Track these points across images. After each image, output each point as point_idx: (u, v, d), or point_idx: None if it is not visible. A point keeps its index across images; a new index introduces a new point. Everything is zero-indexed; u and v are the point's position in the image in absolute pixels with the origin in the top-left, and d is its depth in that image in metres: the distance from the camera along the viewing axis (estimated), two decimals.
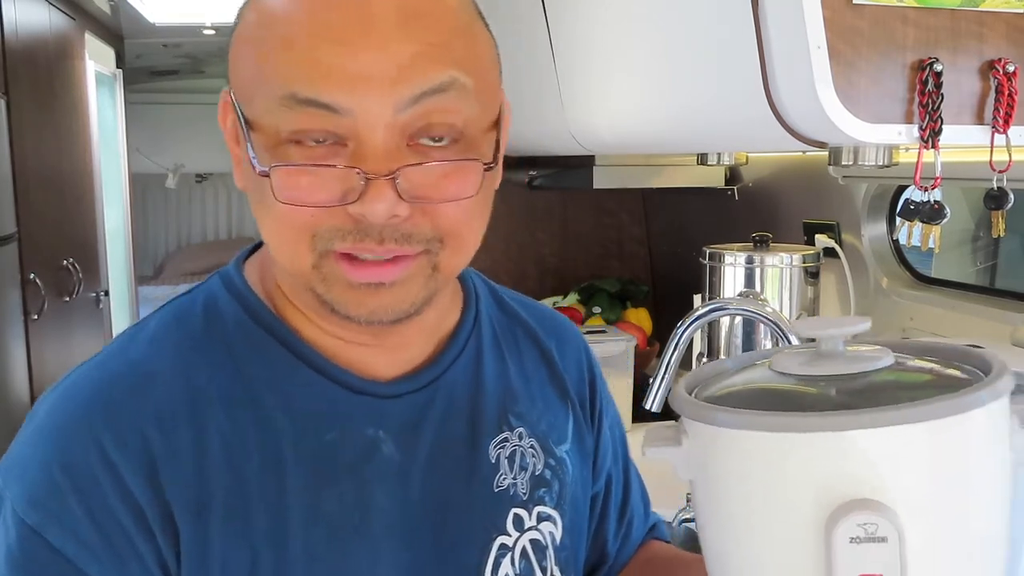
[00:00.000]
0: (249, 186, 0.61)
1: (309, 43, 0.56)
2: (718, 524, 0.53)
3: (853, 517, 0.45)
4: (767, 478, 0.49)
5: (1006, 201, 1.03)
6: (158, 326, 0.67)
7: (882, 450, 0.46)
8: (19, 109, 2.55)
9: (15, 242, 2.49)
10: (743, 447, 0.50)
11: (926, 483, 0.48)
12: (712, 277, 1.48)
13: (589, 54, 1.59)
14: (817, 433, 0.46)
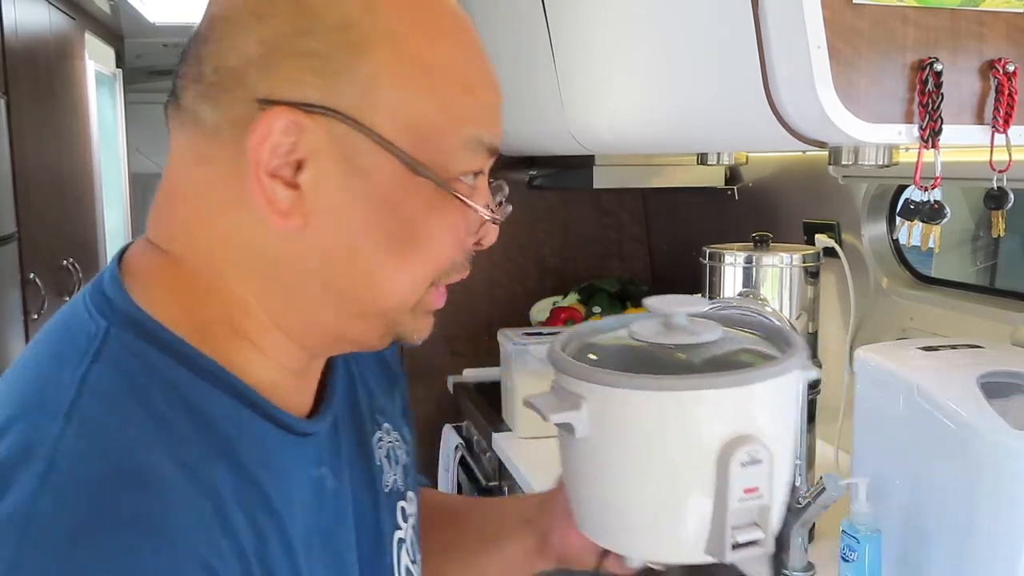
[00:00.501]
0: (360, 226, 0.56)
1: (486, 90, 0.58)
2: (622, 468, 0.64)
3: (744, 448, 0.61)
4: (681, 427, 0.62)
5: (1006, 201, 1.03)
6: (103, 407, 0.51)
7: (758, 400, 0.63)
8: (19, 109, 2.54)
9: (15, 242, 2.49)
10: (661, 404, 0.62)
11: (777, 421, 0.64)
12: (712, 277, 1.48)
13: (589, 54, 1.59)
14: (725, 390, 0.62)
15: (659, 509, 0.64)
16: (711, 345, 0.68)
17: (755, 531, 0.63)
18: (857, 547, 1.19)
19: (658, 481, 0.64)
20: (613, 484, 0.66)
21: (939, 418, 1.13)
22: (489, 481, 2.09)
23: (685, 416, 0.62)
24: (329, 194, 0.55)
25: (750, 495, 0.62)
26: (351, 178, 0.55)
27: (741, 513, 0.62)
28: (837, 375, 1.70)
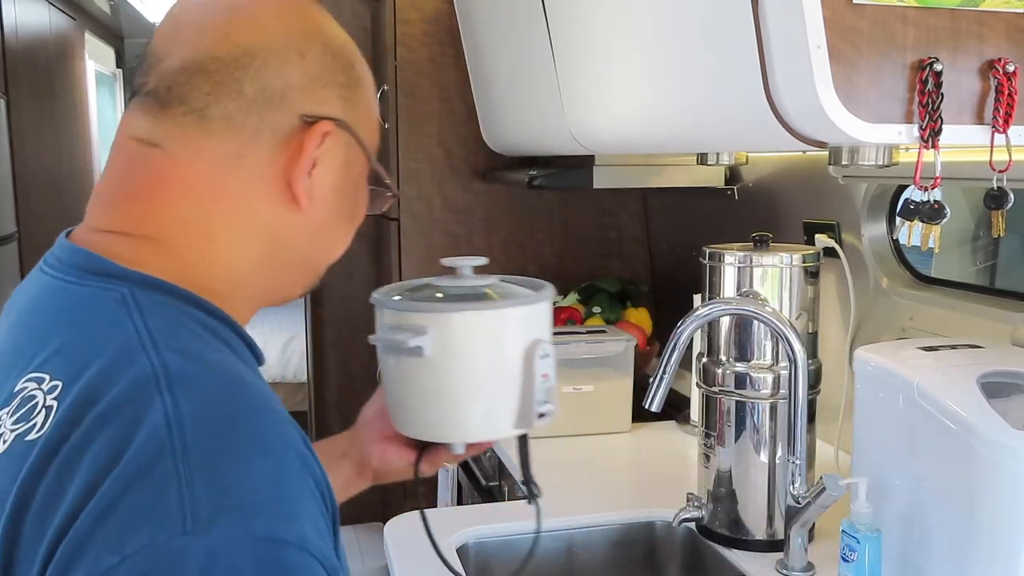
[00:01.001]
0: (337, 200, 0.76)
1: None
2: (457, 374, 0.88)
3: (541, 345, 0.89)
4: (503, 335, 0.89)
5: (1006, 201, 1.03)
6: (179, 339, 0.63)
7: (543, 315, 0.91)
8: (19, 109, 2.55)
9: (15, 242, 2.49)
10: (490, 321, 0.88)
11: (550, 330, 0.93)
12: (712, 277, 1.48)
13: (589, 54, 1.59)
14: (528, 307, 0.89)
15: (486, 400, 0.89)
16: (493, 285, 0.92)
17: (550, 405, 0.92)
18: (857, 547, 1.19)
19: (487, 378, 0.89)
20: (451, 387, 0.88)
21: (939, 418, 1.13)
22: (489, 481, 2.09)
23: (505, 327, 0.89)
24: (326, 184, 0.73)
25: (545, 379, 0.91)
26: (344, 171, 0.75)
27: (541, 392, 0.91)
28: (837, 375, 1.70)
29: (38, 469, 0.56)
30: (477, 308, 0.89)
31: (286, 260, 0.75)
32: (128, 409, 0.56)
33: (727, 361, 1.46)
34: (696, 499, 1.50)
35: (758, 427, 1.44)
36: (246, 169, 0.70)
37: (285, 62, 0.70)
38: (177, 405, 0.56)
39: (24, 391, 0.61)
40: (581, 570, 1.57)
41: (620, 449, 1.96)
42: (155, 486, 0.53)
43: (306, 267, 0.78)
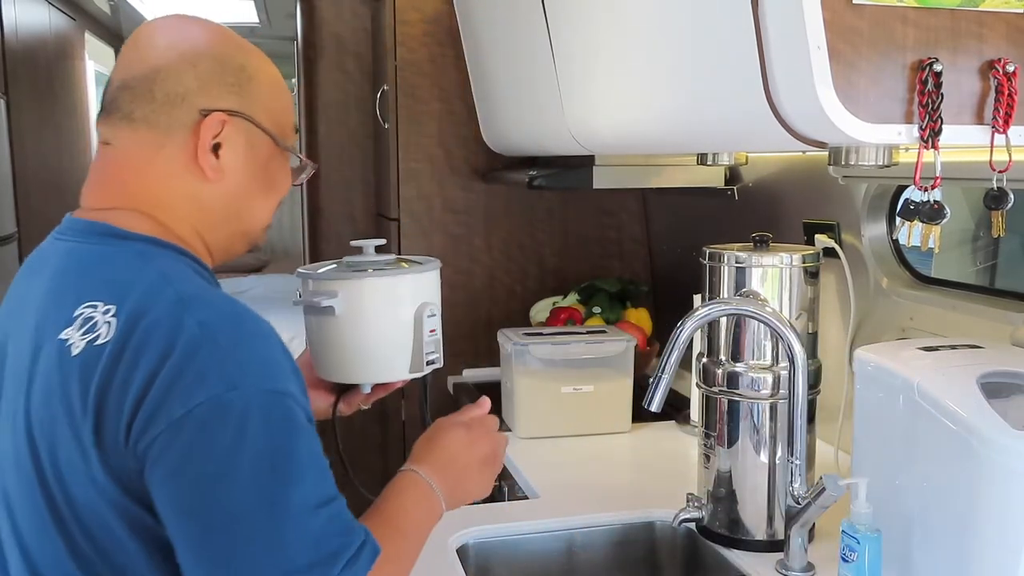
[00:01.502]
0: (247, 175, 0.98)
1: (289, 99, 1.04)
2: (363, 329, 1.17)
3: (428, 306, 1.18)
4: (398, 296, 1.18)
5: (1006, 201, 1.03)
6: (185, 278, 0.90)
7: (430, 282, 1.21)
8: (19, 109, 2.55)
9: (15, 242, 2.49)
10: (386, 285, 1.18)
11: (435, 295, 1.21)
12: (712, 277, 1.48)
13: (589, 54, 1.59)
14: (417, 275, 1.19)
15: (385, 349, 1.17)
16: (392, 260, 1.21)
17: (436, 354, 1.20)
18: (857, 547, 1.19)
19: (386, 332, 1.17)
20: (357, 338, 1.17)
21: (939, 418, 1.13)
22: None
23: (398, 290, 1.17)
24: (235, 161, 0.96)
25: (432, 334, 1.18)
26: (248, 151, 0.97)
27: (430, 344, 1.18)
28: (837, 375, 1.70)
29: (112, 362, 0.82)
30: (376, 275, 1.17)
31: (215, 223, 0.98)
32: (166, 322, 0.83)
33: (727, 361, 1.46)
34: (696, 499, 1.50)
35: (758, 427, 1.44)
36: (166, 154, 0.94)
37: (182, 73, 0.94)
38: (199, 317, 0.84)
39: (83, 315, 0.86)
40: (581, 570, 1.57)
41: (620, 449, 1.96)
42: (201, 365, 0.81)
43: (235, 228, 1.01)
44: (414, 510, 1.00)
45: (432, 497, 1.02)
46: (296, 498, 0.81)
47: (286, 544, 0.80)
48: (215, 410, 0.80)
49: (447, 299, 1.39)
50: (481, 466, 1.09)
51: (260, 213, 1.01)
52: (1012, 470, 1.06)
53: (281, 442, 0.82)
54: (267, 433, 0.81)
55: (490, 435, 1.11)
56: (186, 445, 0.79)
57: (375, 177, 2.98)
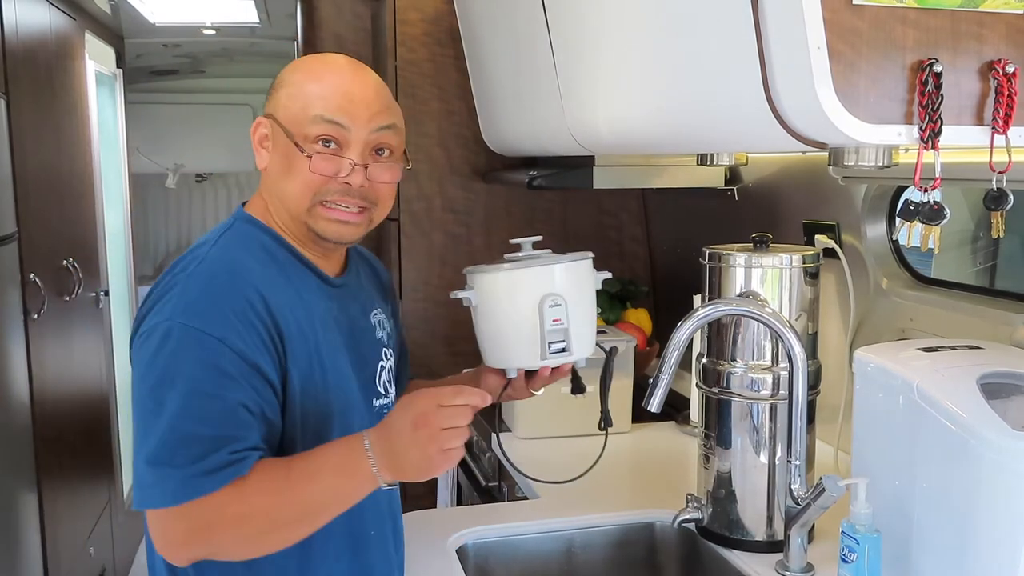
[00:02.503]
0: (276, 164, 1.17)
1: (332, 93, 1.16)
2: (497, 317, 1.27)
3: (550, 297, 1.23)
4: (520, 289, 1.25)
5: (1006, 202, 1.03)
6: (230, 244, 1.15)
7: (555, 276, 1.26)
8: (19, 109, 2.54)
9: (15, 242, 2.48)
10: (508, 278, 1.27)
11: (566, 286, 1.25)
12: (712, 277, 1.48)
13: (589, 54, 1.59)
14: (536, 268, 1.25)
15: (511, 338, 1.26)
16: (542, 256, 1.29)
17: (562, 343, 1.24)
18: (857, 548, 1.19)
19: (508, 322, 1.26)
20: (489, 328, 1.29)
21: (939, 418, 1.13)
22: (488, 481, 2.09)
23: (517, 284, 1.26)
24: (271, 153, 1.18)
25: (556, 323, 1.23)
26: (275, 145, 1.17)
27: (553, 333, 1.23)
28: (837, 376, 1.70)
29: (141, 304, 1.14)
30: (493, 271, 1.27)
31: (275, 205, 1.19)
32: (173, 272, 1.13)
33: (727, 361, 1.46)
34: (696, 500, 1.50)
35: (758, 428, 1.44)
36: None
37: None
38: (196, 269, 1.11)
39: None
40: (580, 570, 1.57)
41: (620, 449, 1.96)
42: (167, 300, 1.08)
43: (286, 210, 1.18)
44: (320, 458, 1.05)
45: (353, 456, 1.03)
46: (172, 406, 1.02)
47: (150, 438, 1.02)
48: (151, 331, 1.06)
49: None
50: (413, 430, 1.01)
51: (289, 194, 1.16)
52: (1012, 470, 1.06)
53: (183, 363, 1.03)
54: (173, 352, 1.04)
55: (433, 398, 1.02)
56: (134, 353, 1.09)
57: None
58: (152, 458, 1.02)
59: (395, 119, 1.19)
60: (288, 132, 1.14)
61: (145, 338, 1.06)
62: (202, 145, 6.49)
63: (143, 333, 1.07)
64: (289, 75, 1.19)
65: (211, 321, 1.04)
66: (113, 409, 3.65)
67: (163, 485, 1.01)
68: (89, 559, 3.10)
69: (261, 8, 3.95)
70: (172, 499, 1.01)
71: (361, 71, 1.20)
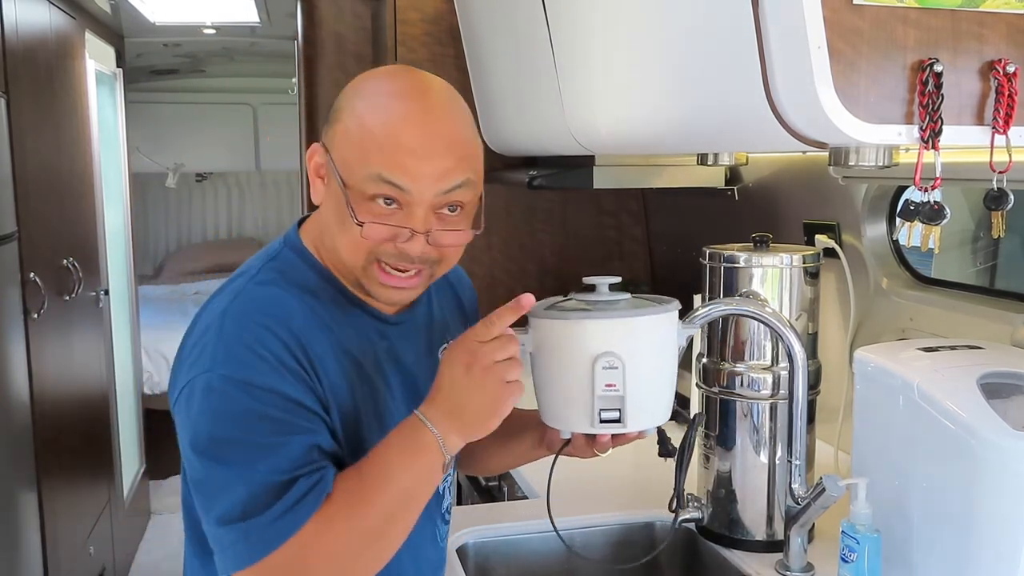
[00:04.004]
0: (330, 207, 1.04)
1: (393, 149, 0.98)
2: (548, 370, 1.07)
3: (605, 357, 1.02)
4: (571, 342, 1.04)
5: (1006, 202, 1.03)
6: (270, 279, 1.05)
7: (617, 330, 1.04)
8: (19, 109, 2.54)
9: (15, 242, 2.48)
10: (561, 329, 1.05)
11: (630, 344, 1.04)
12: (712, 277, 1.48)
13: (589, 54, 1.59)
14: (594, 322, 1.04)
15: (562, 395, 1.07)
16: (616, 303, 1.08)
17: (614, 412, 1.05)
18: (857, 547, 1.19)
19: (559, 377, 1.06)
20: (541, 381, 1.09)
21: (939, 418, 1.13)
22: (489, 481, 2.09)
23: (572, 337, 1.05)
24: (326, 189, 1.04)
25: (610, 388, 1.03)
26: (330, 183, 1.03)
27: (604, 399, 1.04)
28: (837, 375, 1.70)
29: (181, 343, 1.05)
30: (553, 318, 1.06)
31: (326, 244, 1.07)
32: (211, 306, 1.04)
33: (727, 361, 1.46)
34: (696, 499, 1.50)
35: (758, 427, 1.44)
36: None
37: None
38: (227, 307, 1.01)
39: None
40: (581, 570, 1.57)
41: (620, 449, 1.96)
42: (201, 348, 0.99)
43: (335, 257, 1.06)
44: (384, 452, 0.99)
45: (414, 434, 0.98)
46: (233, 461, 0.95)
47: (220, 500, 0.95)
48: (190, 389, 0.97)
49: None
50: (466, 372, 0.96)
51: (342, 246, 1.03)
52: (1012, 470, 1.06)
53: (227, 421, 0.96)
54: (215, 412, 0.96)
55: (468, 339, 0.98)
56: (177, 416, 1.00)
57: None
58: (225, 517, 0.93)
59: (470, 172, 1.02)
60: (342, 182, 1.00)
61: (187, 395, 0.97)
62: (202, 145, 6.50)
63: (185, 388, 0.97)
64: (350, 101, 1.03)
65: (255, 368, 0.96)
66: (113, 409, 3.65)
67: (247, 540, 0.92)
68: (89, 559, 3.10)
69: (261, 7, 3.95)
70: (261, 550, 0.92)
71: (434, 109, 1.01)
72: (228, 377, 0.95)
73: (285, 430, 0.95)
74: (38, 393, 2.60)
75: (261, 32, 4.59)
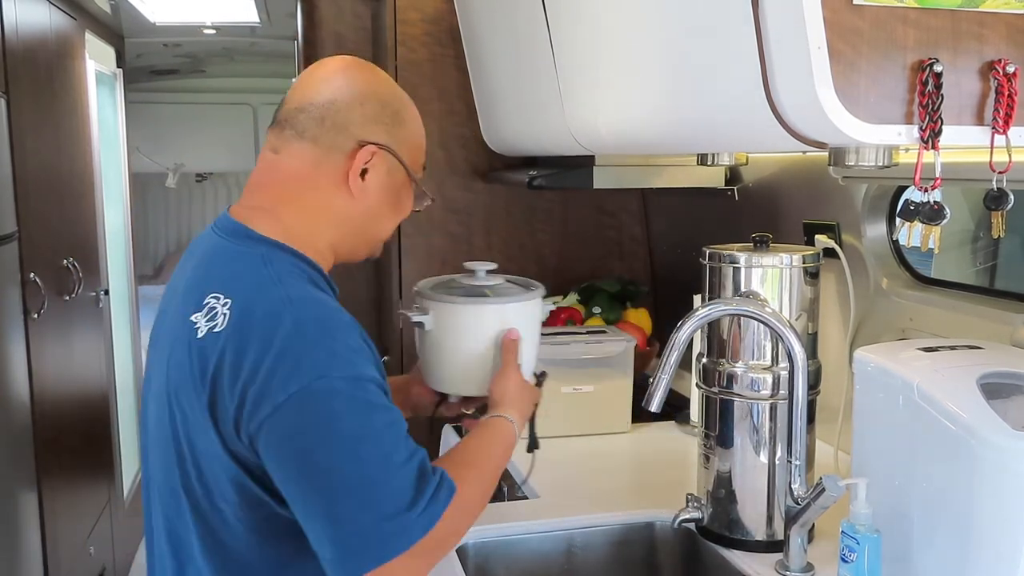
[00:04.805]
0: (384, 196, 1.19)
1: (423, 143, 1.24)
2: (447, 348, 1.32)
3: (513, 332, 1.31)
4: (477, 322, 1.30)
5: (1006, 202, 1.03)
6: (297, 281, 1.08)
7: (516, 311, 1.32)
8: (19, 109, 2.54)
9: (15, 242, 2.48)
10: (467, 311, 1.31)
11: (527, 321, 1.33)
12: (712, 277, 1.48)
13: (589, 54, 1.59)
14: (497, 305, 1.31)
15: (466, 367, 1.31)
16: (496, 287, 1.36)
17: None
18: (857, 547, 1.19)
19: (466, 352, 1.31)
20: (443, 354, 1.33)
21: (939, 418, 1.13)
22: None
23: (478, 318, 1.30)
24: (376, 185, 1.17)
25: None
26: (387, 178, 1.18)
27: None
28: (837, 376, 1.70)
29: (223, 352, 1.02)
30: (462, 302, 1.31)
31: (348, 232, 1.18)
32: (272, 317, 1.02)
33: (727, 361, 1.46)
34: (696, 500, 1.50)
35: (758, 428, 1.44)
36: (322, 171, 1.14)
37: (350, 108, 1.14)
38: (296, 315, 1.02)
39: (209, 304, 1.05)
40: (581, 570, 1.57)
41: (620, 449, 1.96)
42: (295, 358, 1.00)
43: (362, 240, 1.21)
44: (487, 444, 1.24)
45: (504, 426, 1.27)
46: (377, 459, 1.01)
47: (374, 497, 1.00)
48: (308, 396, 0.99)
49: None
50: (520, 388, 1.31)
51: (385, 229, 1.23)
52: (1012, 470, 1.06)
53: (361, 416, 1.01)
54: (349, 411, 1.01)
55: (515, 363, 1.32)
56: (288, 426, 0.99)
57: None
58: (384, 513, 1.00)
59: None
60: (409, 170, 1.19)
61: (295, 409, 0.99)
62: (202, 145, 6.50)
63: (287, 404, 0.99)
64: (408, 109, 1.20)
65: (359, 363, 1.03)
66: (113, 409, 3.65)
67: (401, 531, 1.00)
68: (89, 559, 3.10)
69: (261, 7, 3.95)
70: (419, 534, 1.01)
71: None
72: (345, 378, 1.01)
73: (393, 417, 1.05)
74: (38, 393, 2.60)
75: (261, 32, 4.59)
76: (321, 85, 1.15)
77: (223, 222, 1.16)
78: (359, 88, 1.15)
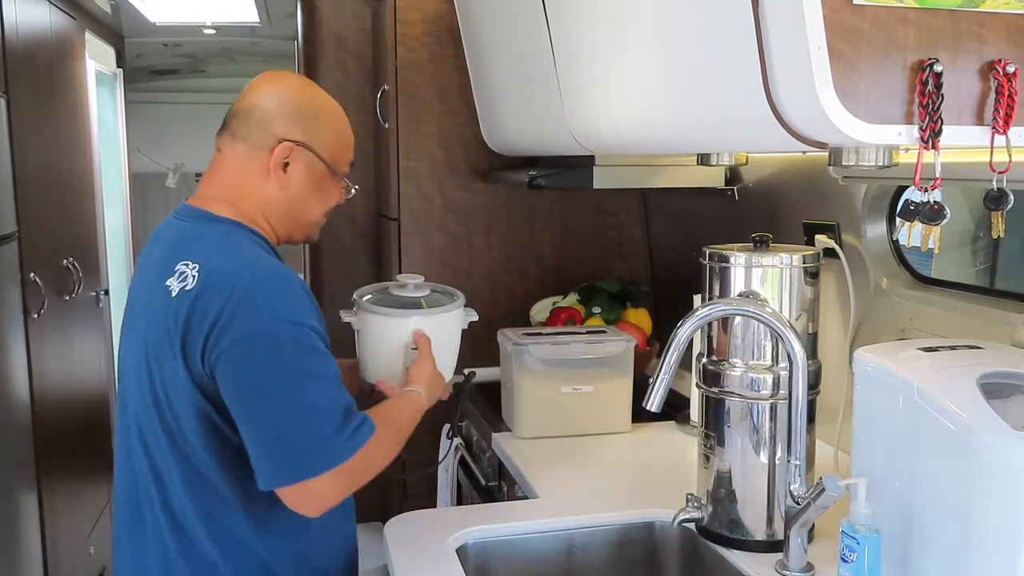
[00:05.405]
0: (305, 187, 1.38)
1: (349, 141, 1.45)
2: (369, 346, 1.60)
3: (410, 344, 1.58)
4: (390, 330, 1.58)
5: (1006, 202, 1.03)
6: (254, 248, 1.31)
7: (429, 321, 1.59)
8: (19, 109, 2.54)
9: (15, 242, 2.48)
10: (383, 320, 1.59)
11: (439, 330, 1.61)
12: (712, 277, 1.48)
13: (589, 54, 1.59)
14: (404, 319, 1.58)
15: (382, 363, 1.59)
16: (421, 298, 1.62)
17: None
18: (856, 547, 1.19)
19: (381, 351, 1.58)
20: (363, 350, 1.62)
21: (939, 418, 1.13)
22: (489, 481, 2.09)
23: (393, 326, 1.57)
24: (296, 177, 1.37)
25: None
26: (306, 171, 1.38)
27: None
28: (837, 376, 1.70)
29: (194, 303, 1.23)
30: (378, 313, 1.57)
31: (280, 216, 1.38)
32: (234, 275, 1.24)
33: (727, 361, 1.46)
34: (696, 499, 1.50)
35: (758, 428, 1.44)
36: (252, 164, 1.36)
37: (271, 111, 1.36)
38: (252, 272, 1.24)
39: (179, 270, 1.26)
40: (581, 570, 1.57)
41: (620, 449, 1.96)
42: (252, 304, 1.22)
43: (295, 223, 1.41)
44: (400, 407, 1.45)
45: (415, 398, 1.49)
46: (312, 391, 1.24)
47: (308, 420, 1.22)
48: (259, 335, 1.21)
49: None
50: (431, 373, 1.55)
51: (311, 215, 1.42)
52: (1012, 470, 1.06)
53: (302, 355, 1.23)
54: (293, 350, 1.23)
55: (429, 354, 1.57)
56: (241, 357, 1.21)
57: (375, 177, 2.98)
58: (316, 434, 1.22)
59: None
60: (328, 164, 1.38)
61: (248, 344, 1.21)
62: (202, 145, 6.46)
63: (243, 340, 1.21)
64: (326, 111, 1.40)
65: (303, 313, 1.25)
66: (113, 409, 3.65)
67: (327, 453, 1.22)
68: (89, 559, 3.10)
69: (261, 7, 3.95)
70: (343, 456, 1.23)
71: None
72: (294, 323, 1.23)
73: (329, 362, 1.27)
74: (38, 393, 2.60)
75: (261, 32, 4.59)
76: (252, 93, 1.38)
77: (184, 210, 1.37)
78: (280, 94, 1.37)
